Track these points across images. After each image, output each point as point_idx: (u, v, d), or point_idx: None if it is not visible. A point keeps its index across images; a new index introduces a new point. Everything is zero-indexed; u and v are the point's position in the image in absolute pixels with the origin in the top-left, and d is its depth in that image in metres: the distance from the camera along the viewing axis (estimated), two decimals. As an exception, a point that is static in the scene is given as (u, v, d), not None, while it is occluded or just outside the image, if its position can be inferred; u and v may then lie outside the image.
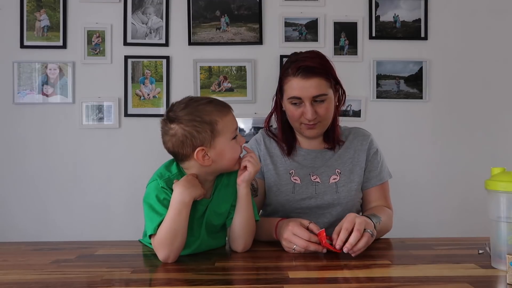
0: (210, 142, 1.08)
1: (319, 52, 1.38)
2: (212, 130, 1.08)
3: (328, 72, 1.33)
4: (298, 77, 1.31)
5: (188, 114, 1.08)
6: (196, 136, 1.07)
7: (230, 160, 1.12)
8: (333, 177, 1.39)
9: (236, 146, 1.12)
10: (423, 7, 2.45)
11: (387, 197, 1.43)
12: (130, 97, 2.40)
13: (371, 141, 1.45)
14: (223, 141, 1.09)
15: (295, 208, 1.38)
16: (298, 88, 1.31)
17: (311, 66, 1.31)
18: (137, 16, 2.41)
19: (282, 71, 1.38)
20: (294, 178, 1.39)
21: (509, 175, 0.96)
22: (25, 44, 2.38)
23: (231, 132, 1.11)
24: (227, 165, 1.13)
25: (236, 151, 1.12)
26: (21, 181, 2.38)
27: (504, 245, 0.95)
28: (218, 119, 1.09)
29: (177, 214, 1.04)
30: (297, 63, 1.32)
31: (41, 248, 1.21)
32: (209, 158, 1.09)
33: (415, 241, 1.27)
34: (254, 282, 0.92)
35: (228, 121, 1.10)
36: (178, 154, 1.11)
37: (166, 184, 1.09)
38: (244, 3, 2.43)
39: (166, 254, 1.04)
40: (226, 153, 1.10)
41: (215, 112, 1.09)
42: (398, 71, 2.44)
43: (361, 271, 0.97)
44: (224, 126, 1.09)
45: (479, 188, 1.08)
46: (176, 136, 1.08)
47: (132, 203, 2.26)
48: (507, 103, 2.46)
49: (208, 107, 1.10)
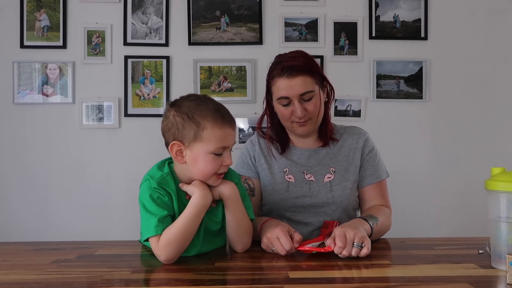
0: (189, 142, 1.07)
1: (303, 51, 1.41)
2: (196, 133, 1.05)
3: (313, 69, 1.36)
4: (284, 77, 1.33)
5: (187, 107, 1.08)
6: (180, 129, 1.07)
7: (201, 171, 1.08)
8: (328, 175, 1.40)
9: (214, 162, 1.07)
10: (423, 7, 2.44)
11: (385, 195, 1.43)
12: (130, 97, 2.40)
13: (366, 139, 1.46)
14: (201, 150, 1.06)
15: (289, 206, 1.39)
16: (285, 87, 1.34)
17: (295, 65, 1.34)
18: (137, 16, 2.41)
19: (268, 74, 1.41)
20: (288, 176, 1.40)
21: (509, 175, 0.96)
22: (25, 44, 2.38)
23: (213, 146, 1.06)
24: (197, 176, 1.09)
25: (210, 166, 1.07)
26: (21, 181, 2.38)
27: (504, 245, 0.95)
28: (208, 127, 1.05)
29: (196, 216, 1.05)
30: (282, 63, 1.35)
31: (41, 248, 1.21)
32: (183, 158, 1.08)
33: (415, 241, 1.27)
34: (254, 282, 0.92)
35: (217, 134, 1.06)
36: (164, 138, 1.12)
37: (158, 184, 1.08)
38: (244, 3, 2.43)
39: (172, 255, 1.03)
40: (199, 162, 1.07)
41: (209, 119, 1.06)
42: (398, 71, 2.44)
43: (361, 271, 0.97)
44: (209, 136, 1.05)
45: (479, 188, 1.08)
46: (168, 120, 1.09)
47: (132, 203, 2.24)
48: (507, 103, 2.46)
49: (208, 111, 1.07)
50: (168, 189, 1.09)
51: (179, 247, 1.04)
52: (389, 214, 1.37)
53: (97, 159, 2.39)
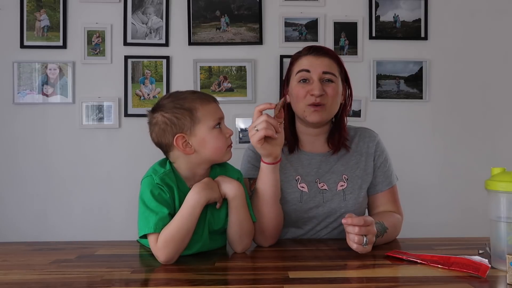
0: (190, 129, 1.09)
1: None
2: (192, 117, 1.08)
3: (340, 60, 1.35)
4: (310, 54, 1.32)
5: (170, 102, 1.11)
6: (176, 122, 1.08)
7: (214, 149, 1.11)
8: (341, 183, 1.34)
9: (220, 135, 1.11)
10: (423, 7, 2.45)
11: (397, 201, 1.39)
12: (130, 97, 2.40)
13: (377, 143, 1.40)
14: (204, 129, 1.09)
15: (302, 217, 1.33)
16: (308, 62, 1.31)
17: (323, 48, 1.34)
18: (137, 16, 2.41)
19: (292, 58, 1.37)
20: (301, 185, 1.33)
21: (509, 175, 0.96)
22: (25, 44, 2.38)
23: (212, 120, 1.10)
24: (212, 155, 1.12)
25: (219, 140, 1.11)
26: (21, 181, 2.38)
27: (504, 245, 0.95)
28: (198, 106, 1.09)
29: (191, 213, 1.04)
30: (309, 46, 1.35)
31: (41, 248, 1.21)
32: (191, 147, 1.10)
33: (415, 241, 1.27)
34: (254, 282, 0.92)
35: (209, 109, 1.11)
36: (162, 144, 1.12)
37: (161, 180, 1.09)
38: (244, 3, 2.43)
39: (171, 255, 1.03)
40: (208, 141, 1.10)
41: (196, 100, 1.10)
42: (398, 71, 2.44)
43: (361, 271, 0.97)
44: (204, 113, 1.09)
45: (479, 188, 1.08)
46: (158, 124, 1.11)
47: (132, 203, 2.24)
48: (507, 103, 2.46)
49: (190, 96, 1.12)
50: (171, 184, 1.10)
51: (177, 246, 1.03)
52: (400, 221, 1.33)
53: (97, 159, 2.39)
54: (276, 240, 1.25)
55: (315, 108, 1.29)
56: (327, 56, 1.32)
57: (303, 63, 1.32)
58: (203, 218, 1.12)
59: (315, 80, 1.29)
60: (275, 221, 1.22)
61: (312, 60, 1.31)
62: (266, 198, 1.20)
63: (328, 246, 1.22)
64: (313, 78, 1.29)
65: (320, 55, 1.31)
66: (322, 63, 1.30)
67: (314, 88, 1.28)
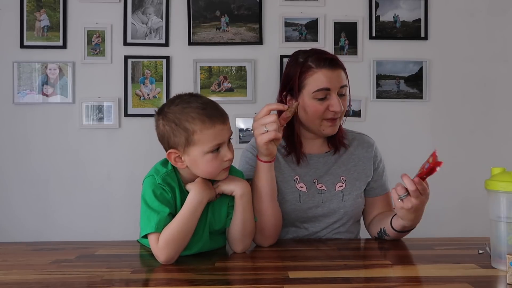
0: (184, 148, 1.06)
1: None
2: (188, 138, 1.05)
3: (344, 67, 1.33)
4: (325, 68, 1.27)
5: (173, 113, 1.07)
6: (172, 138, 1.07)
7: (204, 172, 1.09)
8: (339, 184, 1.36)
9: (214, 160, 1.07)
10: (423, 7, 2.44)
11: (391, 205, 1.42)
12: (130, 97, 2.40)
13: (376, 149, 1.44)
14: (197, 152, 1.06)
15: (301, 217, 1.34)
16: (327, 78, 1.27)
17: (334, 58, 1.30)
18: (137, 16, 2.41)
19: (301, 67, 1.29)
20: (299, 185, 1.34)
21: (509, 175, 0.96)
22: (25, 44, 2.38)
23: (208, 147, 1.05)
24: (203, 175, 1.10)
25: (212, 165, 1.07)
26: (21, 181, 2.38)
27: (504, 245, 0.95)
28: (197, 130, 1.04)
29: (192, 213, 1.04)
30: (318, 55, 1.29)
31: (41, 248, 1.21)
32: (183, 163, 1.09)
33: (415, 241, 1.28)
34: (254, 282, 0.92)
35: (208, 133, 1.05)
36: (162, 145, 1.13)
37: (163, 180, 1.09)
38: (244, 3, 2.43)
39: (171, 255, 1.03)
40: (198, 164, 1.07)
41: (197, 122, 1.04)
42: (398, 71, 2.44)
43: (361, 271, 0.97)
44: (201, 138, 1.04)
45: (479, 188, 1.08)
46: (158, 129, 1.11)
47: (132, 203, 2.24)
48: (507, 103, 2.46)
49: (193, 113, 1.05)
50: (173, 184, 1.10)
51: (178, 246, 1.03)
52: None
53: (97, 159, 2.39)
54: (276, 240, 1.25)
55: (332, 122, 1.31)
56: (339, 67, 1.30)
57: (321, 80, 1.27)
58: (204, 218, 1.11)
59: (334, 96, 1.28)
60: (273, 219, 1.22)
61: (328, 75, 1.27)
62: (264, 196, 1.21)
63: (328, 246, 1.22)
64: (331, 94, 1.28)
65: (335, 68, 1.28)
66: (338, 76, 1.28)
67: (334, 104, 1.27)
